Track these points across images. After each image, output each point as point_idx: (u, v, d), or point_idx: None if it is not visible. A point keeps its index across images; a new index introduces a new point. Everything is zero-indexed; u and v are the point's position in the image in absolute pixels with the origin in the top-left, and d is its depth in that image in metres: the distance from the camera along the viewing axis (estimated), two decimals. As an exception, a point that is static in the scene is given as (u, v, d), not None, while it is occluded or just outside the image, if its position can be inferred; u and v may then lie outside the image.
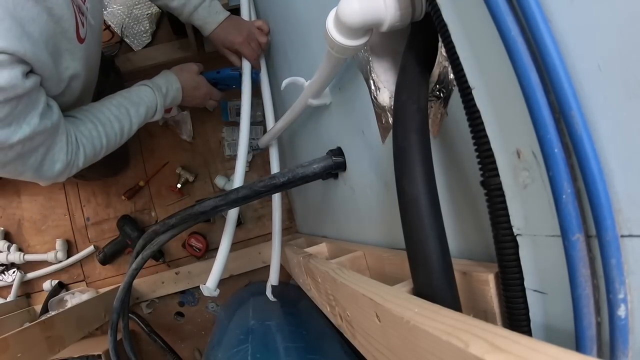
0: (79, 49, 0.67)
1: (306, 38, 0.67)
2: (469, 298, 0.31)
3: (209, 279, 0.76)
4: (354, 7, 0.32)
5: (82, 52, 0.68)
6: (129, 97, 0.81)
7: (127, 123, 0.79)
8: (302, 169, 0.60)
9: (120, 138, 0.78)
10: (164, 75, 0.91)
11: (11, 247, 1.27)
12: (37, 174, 0.63)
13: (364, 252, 0.55)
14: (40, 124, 0.59)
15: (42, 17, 0.57)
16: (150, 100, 0.84)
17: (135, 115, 0.80)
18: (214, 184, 1.32)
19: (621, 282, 0.19)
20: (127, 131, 0.79)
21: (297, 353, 0.71)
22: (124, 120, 0.78)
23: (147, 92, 0.84)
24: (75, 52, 0.66)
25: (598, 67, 0.19)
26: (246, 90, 0.91)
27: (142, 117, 0.82)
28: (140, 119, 0.82)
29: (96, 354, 1.09)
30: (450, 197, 0.35)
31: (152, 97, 0.84)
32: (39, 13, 0.56)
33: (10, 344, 0.68)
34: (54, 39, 0.60)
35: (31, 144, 0.59)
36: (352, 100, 0.51)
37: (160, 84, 0.87)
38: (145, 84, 0.85)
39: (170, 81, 0.90)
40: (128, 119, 0.79)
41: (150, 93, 0.84)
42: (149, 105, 0.83)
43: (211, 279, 0.76)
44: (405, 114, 0.31)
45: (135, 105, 0.81)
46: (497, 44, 0.22)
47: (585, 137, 0.19)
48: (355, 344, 0.38)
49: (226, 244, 0.81)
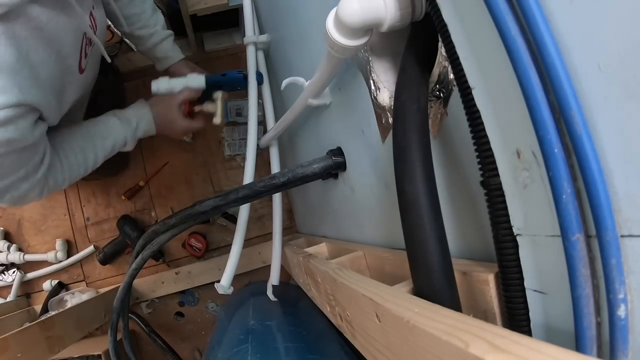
0: (78, 79, 0.70)
1: (306, 38, 0.67)
2: (469, 298, 0.31)
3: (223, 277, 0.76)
4: (354, 7, 0.32)
5: (81, 80, 0.71)
6: (96, 129, 0.80)
7: (92, 155, 0.79)
8: (302, 169, 0.60)
9: (84, 169, 0.79)
10: (137, 107, 0.88)
11: (11, 247, 1.27)
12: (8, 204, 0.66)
13: (364, 252, 0.55)
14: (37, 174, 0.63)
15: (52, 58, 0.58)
16: (118, 133, 0.83)
17: (100, 147, 0.80)
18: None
19: (621, 282, 0.19)
20: (92, 163, 0.80)
21: (297, 353, 0.71)
22: (88, 152, 0.78)
23: (116, 125, 0.83)
24: (74, 83, 0.69)
25: (598, 67, 0.19)
26: (252, 92, 0.92)
27: (107, 150, 0.82)
28: (106, 152, 0.81)
29: (96, 354, 1.09)
30: (450, 197, 0.35)
31: (121, 131, 0.83)
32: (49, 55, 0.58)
33: (10, 344, 0.68)
34: (58, 77, 0.62)
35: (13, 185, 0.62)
36: (352, 100, 0.51)
37: (130, 117, 0.85)
38: (116, 115, 0.84)
39: (141, 114, 0.88)
40: (93, 152, 0.79)
41: (119, 126, 0.83)
42: (116, 138, 0.82)
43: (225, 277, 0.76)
44: (405, 114, 0.31)
45: (102, 139, 0.80)
46: (497, 44, 0.22)
47: (585, 137, 0.19)
48: (355, 344, 0.38)
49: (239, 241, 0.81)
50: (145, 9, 0.89)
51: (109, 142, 0.81)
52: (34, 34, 0.53)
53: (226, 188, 1.33)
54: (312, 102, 0.58)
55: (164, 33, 0.93)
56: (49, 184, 0.71)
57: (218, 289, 0.76)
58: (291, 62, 0.81)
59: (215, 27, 1.31)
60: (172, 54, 0.96)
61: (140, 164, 1.32)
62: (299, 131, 0.88)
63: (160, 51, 0.95)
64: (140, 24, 0.89)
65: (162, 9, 1.29)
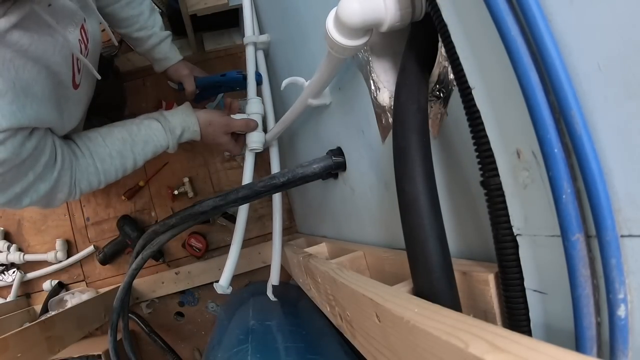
0: (74, 94, 0.70)
1: (306, 38, 0.67)
2: (469, 298, 0.31)
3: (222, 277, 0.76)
4: (354, 7, 0.32)
5: (78, 95, 0.71)
6: (137, 133, 0.77)
7: (131, 161, 0.76)
8: (302, 169, 0.60)
9: (122, 173, 0.76)
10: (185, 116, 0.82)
11: (11, 247, 1.27)
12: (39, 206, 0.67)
13: (364, 252, 0.55)
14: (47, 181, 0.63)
15: (42, 74, 0.59)
16: (161, 140, 0.79)
17: (141, 153, 0.77)
18: (213, 185, 1.32)
19: (621, 282, 0.19)
20: (132, 167, 0.77)
21: (297, 353, 0.71)
22: (127, 157, 0.75)
23: (159, 132, 0.79)
24: (72, 97, 0.69)
25: (598, 67, 0.19)
26: (251, 93, 0.92)
27: (148, 155, 0.79)
28: (146, 156, 0.78)
29: (96, 354, 1.09)
30: (450, 197, 0.35)
31: (163, 138, 0.79)
32: (39, 71, 0.58)
33: (10, 344, 0.68)
34: (55, 92, 0.63)
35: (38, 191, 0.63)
36: (352, 100, 0.51)
37: (175, 125, 0.80)
38: (159, 120, 0.79)
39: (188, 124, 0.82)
40: (132, 157, 0.76)
41: (162, 134, 0.79)
42: (157, 145, 0.79)
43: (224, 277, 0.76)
44: (405, 114, 0.31)
45: (142, 143, 0.77)
46: (497, 44, 0.22)
47: (585, 137, 0.19)
48: (355, 344, 0.38)
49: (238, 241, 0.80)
50: (142, 10, 0.88)
51: (149, 147, 0.78)
52: (18, 55, 0.54)
53: (226, 188, 1.33)
54: (312, 102, 0.58)
55: (162, 34, 0.93)
56: (82, 185, 0.71)
57: (217, 288, 0.76)
58: (291, 62, 0.81)
59: (215, 27, 1.31)
60: (170, 55, 0.97)
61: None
62: (299, 131, 0.88)
63: (158, 52, 0.95)
64: (138, 26, 0.89)
65: (162, 9, 1.29)
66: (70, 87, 0.68)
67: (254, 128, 0.86)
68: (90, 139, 0.74)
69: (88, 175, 0.72)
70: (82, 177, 0.71)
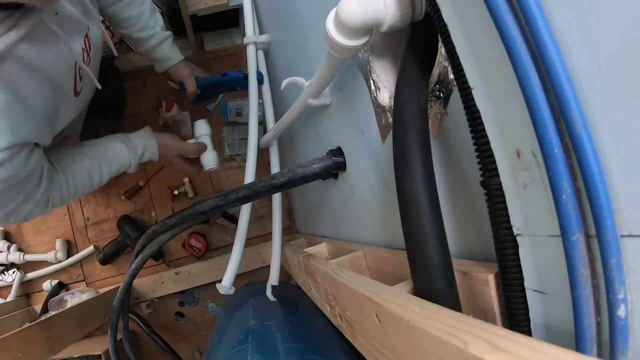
0: (74, 100, 0.71)
1: (306, 38, 0.67)
2: (469, 298, 0.31)
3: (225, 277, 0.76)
4: (354, 7, 0.32)
5: (77, 101, 0.73)
6: (104, 152, 0.84)
7: (98, 177, 0.83)
8: (302, 169, 0.60)
9: (89, 188, 0.83)
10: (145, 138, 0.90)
11: (11, 247, 1.27)
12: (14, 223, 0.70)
13: (364, 252, 0.55)
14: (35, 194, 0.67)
15: (44, 86, 0.60)
16: (124, 159, 0.86)
17: (107, 170, 0.84)
18: (212, 183, 1.32)
19: (621, 282, 0.19)
20: (97, 183, 0.84)
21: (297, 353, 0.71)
22: (94, 173, 0.82)
23: (123, 151, 0.86)
24: (70, 104, 0.71)
25: (598, 67, 0.19)
26: (253, 92, 0.92)
27: (113, 172, 0.86)
28: (111, 174, 0.85)
29: (96, 354, 1.09)
30: (450, 197, 0.35)
31: (127, 157, 0.86)
32: (41, 83, 0.59)
33: (10, 344, 0.68)
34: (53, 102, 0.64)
35: None
36: (352, 100, 0.51)
37: (137, 145, 0.88)
38: (124, 141, 0.86)
39: (148, 146, 0.90)
40: (99, 173, 0.83)
41: (126, 153, 0.86)
42: (121, 163, 0.86)
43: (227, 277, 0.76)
44: (405, 114, 0.31)
45: (108, 162, 0.84)
46: (497, 44, 0.22)
47: (585, 137, 0.19)
48: (355, 344, 0.38)
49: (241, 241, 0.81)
50: (143, 10, 0.88)
51: (114, 165, 0.85)
52: (23, 68, 0.54)
53: (226, 188, 1.33)
54: (312, 102, 0.58)
55: (162, 35, 0.93)
56: (55, 201, 0.74)
57: (220, 289, 0.76)
58: (291, 62, 0.81)
59: (215, 27, 1.31)
60: (171, 55, 0.97)
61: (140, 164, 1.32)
62: (299, 131, 0.88)
63: (159, 53, 0.95)
64: (138, 26, 0.89)
65: (162, 9, 1.29)
66: (72, 94, 0.70)
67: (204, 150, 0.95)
68: (62, 156, 0.79)
69: (61, 190, 0.76)
70: (56, 193, 0.75)
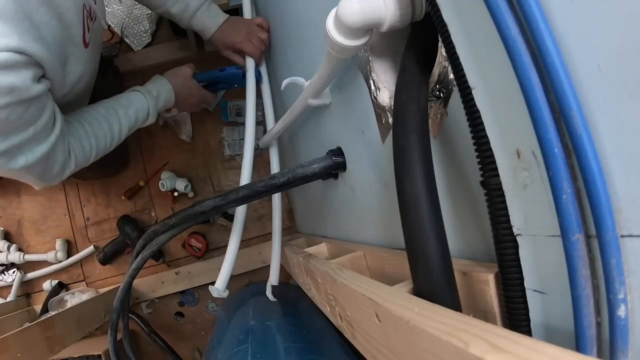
0: (83, 53, 0.68)
1: (306, 38, 0.67)
2: (469, 298, 0.31)
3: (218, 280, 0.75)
4: (354, 7, 0.32)
5: (86, 55, 0.69)
6: (117, 100, 0.81)
7: (117, 124, 0.78)
8: (302, 169, 0.60)
9: (110, 140, 0.77)
10: (155, 79, 0.90)
11: (11, 247, 1.27)
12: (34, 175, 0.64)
13: (364, 252, 0.55)
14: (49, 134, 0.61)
15: (54, 22, 0.57)
16: (140, 103, 0.83)
17: (124, 116, 0.79)
18: (214, 185, 1.32)
19: (621, 282, 0.19)
20: (117, 133, 0.78)
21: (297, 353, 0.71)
22: (112, 121, 0.77)
23: (137, 95, 0.83)
24: (79, 56, 0.67)
25: (598, 67, 0.19)
26: (250, 88, 0.91)
27: (132, 120, 0.81)
28: (130, 122, 0.81)
29: (96, 354, 1.09)
30: (450, 197, 0.35)
31: (142, 100, 0.83)
32: (51, 18, 0.57)
33: (10, 344, 0.68)
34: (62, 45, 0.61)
35: None
36: (352, 100, 0.51)
37: (150, 88, 0.86)
38: (135, 89, 0.85)
39: (160, 84, 0.89)
40: (117, 120, 0.78)
41: (140, 96, 0.83)
42: (138, 108, 0.82)
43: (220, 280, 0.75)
44: (405, 114, 0.31)
45: (124, 107, 0.80)
46: (497, 44, 0.22)
47: (585, 137, 0.19)
48: (355, 344, 0.38)
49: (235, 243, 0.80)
50: None
51: (131, 110, 0.81)
52: None
53: (226, 188, 1.33)
54: (312, 102, 0.58)
55: (194, 4, 0.89)
56: (76, 152, 0.69)
57: (212, 292, 0.74)
58: (291, 62, 0.81)
59: (215, 27, 1.31)
60: (208, 24, 0.92)
61: (140, 164, 1.32)
62: (299, 131, 0.88)
63: (197, 24, 0.92)
64: (170, 3, 0.88)
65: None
66: (81, 43, 0.67)
67: None
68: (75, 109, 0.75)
69: (80, 139, 0.71)
70: (75, 141, 0.70)
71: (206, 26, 0.92)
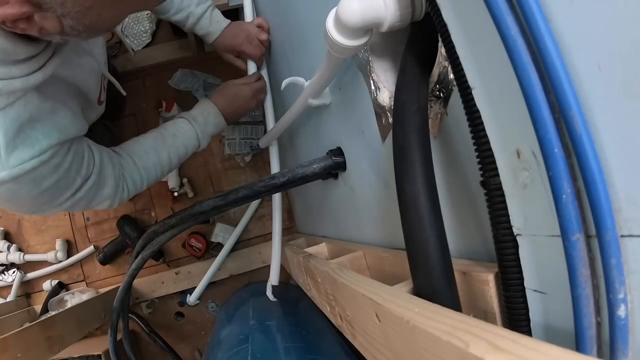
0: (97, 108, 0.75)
1: (306, 38, 0.67)
2: (469, 298, 0.31)
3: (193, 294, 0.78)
4: (354, 7, 0.32)
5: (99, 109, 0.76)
6: (165, 129, 0.82)
7: (165, 155, 0.80)
8: (302, 169, 0.60)
9: (160, 170, 0.80)
10: (200, 104, 0.89)
11: (11, 247, 1.27)
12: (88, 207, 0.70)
13: (364, 252, 0.55)
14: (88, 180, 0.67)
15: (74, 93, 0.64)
16: (187, 131, 0.84)
17: (172, 146, 0.81)
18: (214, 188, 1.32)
19: (621, 282, 0.19)
20: (167, 162, 0.81)
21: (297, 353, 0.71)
22: (161, 152, 0.79)
23: (183, 123, 0.84)
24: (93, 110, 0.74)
25: (598, 67, 0.19)
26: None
27: (181, 150, 0.82)
28: (179, 151, 0.82)
29: (96, 354, 1.09)
30: (450, 197, 0.35)
31: (189, 128, 0.84)
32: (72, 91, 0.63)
33: (10, 344, 0.68)
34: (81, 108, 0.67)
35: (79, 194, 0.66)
36: (352, 100, 0.51)
37: (196, 114, 0.86)
38: (182, 116, 0.86)
39: (205, 109, 0.87)
40: (166, 151, 0.80)
41: (186, 124, 0.84)
42: (186, 137, 0.83)
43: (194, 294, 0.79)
44: (405, 114, 0.31)
45: (171, 137, 0.81)
46: (497, 44, 0.22)
47: (585, 137, 0.19)
48: (355, 344, 0.38)
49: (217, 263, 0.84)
50: None
51: (179, 140, 0.82)
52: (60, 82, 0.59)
53: (226, 188, 1.33)
54: (312, 102, 0.58)
55: (198, 12, 0.89)
56: (128, 185, 0.74)
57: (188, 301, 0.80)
58: (291, 62, 0.81)
59: (215, 27, 1.31)
60: (211, 29, 0.92)
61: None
62: (299, 131, 0.88)
63: (200, 30, 0.92)
64: (173, 10, 0.88)
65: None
66: (95, 103, 0.72)
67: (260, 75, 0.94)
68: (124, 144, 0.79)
69: (130, 171, 0.75)
70: (126, 173, 0.74)
71: (209, 32, 0.93)
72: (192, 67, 1.32)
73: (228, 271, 1.29)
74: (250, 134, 1.32)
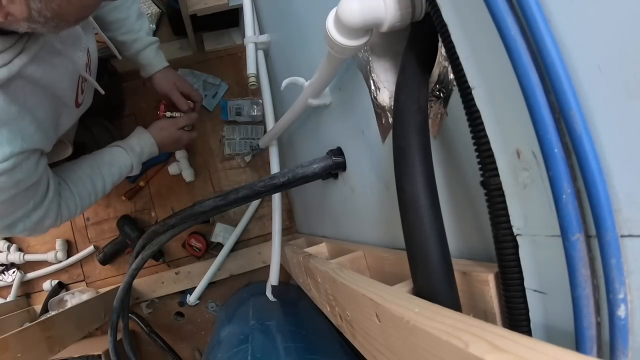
0: (75, 111, 0.74)
1: (306, 38, 0.67)
2: (469, 298, 0.31)
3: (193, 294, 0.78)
4: (354, 8, 0.32)
5: (77, 112, 0.76)
6: (102, 158, 0.85)
7: (100, 182, 0.83)
8: (302, 169, 0.60)
9: (94, 197, 0.83)
10: (137, 134, 0.92)
11: (11, 247, 1.27)
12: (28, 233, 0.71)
13: (364, 252, 0.55)
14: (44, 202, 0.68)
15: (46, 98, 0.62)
16: (123, 161, 0.87)
17: (107, 174, 0.84)
18: (215, 189, 1.32)
19: (621, 282, 0.19)
20: (101, 189, 0.83)
21: (297, 353, 0.71)
22: (96, 179, 0.82)
23: (120, 153, 0.87)
24: (71, 114, 0.73)
25: (598, 67, 0.19)
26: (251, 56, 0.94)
27: (115, 176, 0.86)
28: (114, 178, 0.85)
29: (96, 354, 1.09)
30: (450, 197, 0.35)
31: (125, 158, 0.88)
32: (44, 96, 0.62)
33: (10, 344, 0.68)
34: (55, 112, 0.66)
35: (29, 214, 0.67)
36: (352, 100, 0.51)
37: (133, 144, 0.90)
38: (119, 144, 0.88)
39: (143, 139, 0.92)
40: (100, 178, 0.83)
41: (123, 153, 0.87)
42: (121, 165, 0.86)
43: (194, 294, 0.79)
44: (405, 114, 0.31)
45: (108, 165, 0.84)
46: (497, 44, 0.22)
47: (585, 137, 0.19)
48: (355, 344, 0.38)
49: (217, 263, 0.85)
50: (130, 14, 0.89)
51: (115, 168, 0.85)
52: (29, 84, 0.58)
53: (226, 188, 1.32)
54: (312, 102, 0.58)
55: (147, 40, 0.93)
56: (62, 212, 0.75)
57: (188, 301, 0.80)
58: (291, 62, 0.81)
59: (215, 27, 1.31)
60: (155, 62, 0.96)
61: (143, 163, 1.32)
62: (299, 131, 0.88)
63: (143, 58, 0.95)
64: (124, 30, 0.89)
65: (162, 9, 1.29)
66: (72, 106, 0.72)
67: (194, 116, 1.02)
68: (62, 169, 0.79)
69: (67, 200, 0.76)
70: (63, 204, 0.75)
71: (152, 63, 0.97)
72: (192, 67, 1.32)
73: (228, 271, 1.29)
74: (250, 134, 1.32)
